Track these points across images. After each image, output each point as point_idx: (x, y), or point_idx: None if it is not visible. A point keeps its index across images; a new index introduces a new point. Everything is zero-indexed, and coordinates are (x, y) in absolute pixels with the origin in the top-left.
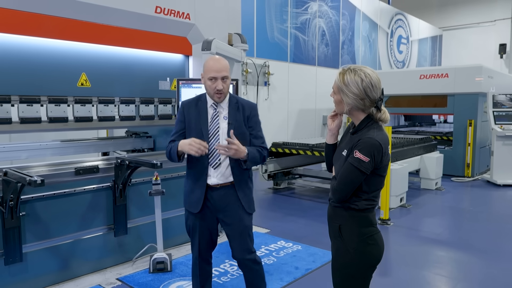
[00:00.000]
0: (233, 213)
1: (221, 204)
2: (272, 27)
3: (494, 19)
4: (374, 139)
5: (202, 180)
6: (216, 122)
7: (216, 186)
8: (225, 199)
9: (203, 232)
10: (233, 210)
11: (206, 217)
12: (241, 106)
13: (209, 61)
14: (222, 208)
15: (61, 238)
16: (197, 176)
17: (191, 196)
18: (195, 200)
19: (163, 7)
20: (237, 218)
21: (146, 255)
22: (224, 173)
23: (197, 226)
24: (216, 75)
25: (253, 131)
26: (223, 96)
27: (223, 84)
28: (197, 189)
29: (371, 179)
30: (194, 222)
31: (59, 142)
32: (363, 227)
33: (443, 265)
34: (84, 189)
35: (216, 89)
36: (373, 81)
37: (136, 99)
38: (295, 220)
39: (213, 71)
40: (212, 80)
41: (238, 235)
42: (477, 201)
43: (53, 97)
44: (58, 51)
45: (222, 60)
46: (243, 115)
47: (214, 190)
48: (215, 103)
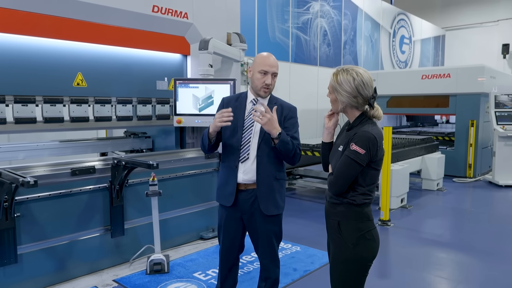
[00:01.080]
0: (253, 216)
1: (246, 206)
2: (273, 27)
3: (497, 19)
4: (370, 133)
5: (233, 175)
6: (250, 116)
7: (244, 186)
8: (249, 201)
9: (229, 230)
10: (254, 213)
11: (233, 215)
12: (280, 106)
13: (261, 56)
14: (245, 210)
15: (57, 239)
16: (228, 170)
17: (224, 189)
18: (228, 193)
19: (161, 6)
20: (257, 222)
21: (143, 256)
22: (250, 169)
23: (223, 222)
24: (268, 69)
25: (289, 132)
26: (269, 92)
27: (272, 80)
28: (229, 183)
29: (367, 172)
30: (222, 216)
31: (57, 142)
32: (361, 222)
33: (444, 267)
34: (80, 189)
35: (265, 83)
36: (364, 80)
37: (134, 99)
38: (294, 221)
39: (266, 65)
40: (262, 74)
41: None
42: (479, 202)
43: (48, 97)
44: (53, 51)
45: (273, 57)
46: (281, 115)
47: (242, 192)
48: (255, 99)
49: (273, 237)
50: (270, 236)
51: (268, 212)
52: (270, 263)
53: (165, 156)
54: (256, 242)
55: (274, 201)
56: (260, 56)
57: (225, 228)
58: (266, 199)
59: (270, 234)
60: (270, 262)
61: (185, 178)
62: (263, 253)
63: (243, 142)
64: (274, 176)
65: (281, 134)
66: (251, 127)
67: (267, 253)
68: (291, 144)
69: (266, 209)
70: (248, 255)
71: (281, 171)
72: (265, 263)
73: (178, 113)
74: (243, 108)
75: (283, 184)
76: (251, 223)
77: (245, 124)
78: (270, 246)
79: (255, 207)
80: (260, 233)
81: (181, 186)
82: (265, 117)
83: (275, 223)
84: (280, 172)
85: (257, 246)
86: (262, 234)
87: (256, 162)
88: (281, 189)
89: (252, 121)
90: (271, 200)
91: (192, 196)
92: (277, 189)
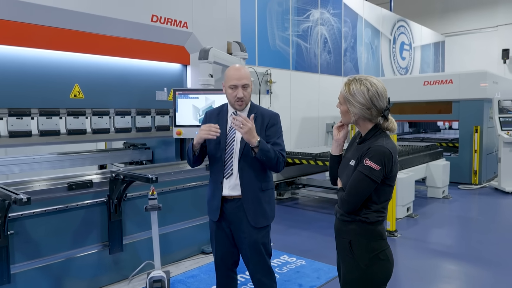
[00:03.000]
0: (241, 227)
1: (233, 217)
2: (273, 35)
3: (496, 25)
4: (385, 147)
5: (218, 190)
6: (233, 131)
7: (230, 198)
8: (236, 212)
9: (219, 242)
10: (241, 224)
11: (222, 227)
12: (260, 116)
13: (230, 70)
14: (233, 221)
15: (52, 257)
16: (214, 184)
17: (211, 203)
18: (214, 208)
19: (160, 15)
20: (245, 233)
21: (143, 272)
22: (235, 184)
23: (213, 235)
24: (237, 83)
25: (271, 139)
26: (244, 104)
27: (244, 92)
28: (215, 198)
29: (381, 189)
30: (212, 229)
31: (55, 155)
32: (375, 241)
33: (453, 279)
34: (77, 204)
35: (236, 97)
36: (379, 90)
37: (132, 110)
38: (298, 233)
39: (233, 79)
40: (233, 89)
41: (247, 248)
42: (486, 210)
43: (44, 110)
44: (49, 62)
45: (243, 69)
46: (261, 124)
47: (228, 202)
48: (235, 112)
49: (263, 250)
50: (259, 249)
51: (256, 224)
52: (264, 277)
53: (165, 168)
54: (246, 256)
55: (262, 212)
56: (229, 71)
57: (216, 241)
58: (253, 211)
59: (259, 247)
60: (263, 276)
61: (186, 191)
62: (255, 267)
63: (226, 157)
64: (259, 187)
65: (260, 142)
66: (233, 141)
67: (259, 267)
68: (272, 151)
69: (255, 221)
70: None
71: (267, 181)
72: (258, 278)
73: (178, 124)
74: (224, 123)
75: (270, 194)
76: (239, 235)
77: (228, 139)
78: (262, 259)
79: (243, 219)
80: (249, 245)
81: (181, 198)
82: (246, 126)
83: (264, 235)
84: (265, 183)
85: (248, 260)
86: (251, 246)
87: (239, 177)
88: (269, 199)
89: (234, 135)
90: (259, 211)
91: (193, 209)
92: (264, 200)
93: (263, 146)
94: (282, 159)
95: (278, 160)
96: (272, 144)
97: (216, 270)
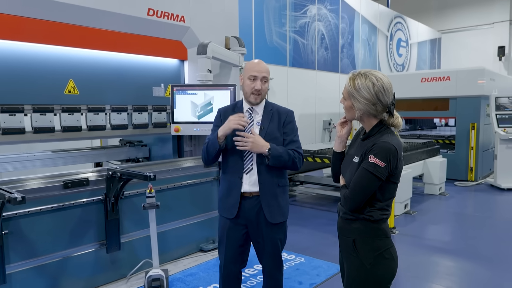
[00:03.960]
0: (259, 224)
1: (250, 214)
2: (270, 31)
3: (492, 22)
4: (390, 144)
5: (237, 186)
6: (250, 125)
7: (249, 195)
8: (253, 208)
9: (232, 241)
10: (259, 221)
11: (237, 226)
12: (276, 112)
13: (250, 63)
14: (250, 219)
15: (48, 256)
16: (232, 181)
17: (226, 200)
18: (231, 205)
19: (156, 9)
20: (263, 230)
21: (141, 271)
22: (255, 181)
23: (226, 233)
24: (257, 74)
25: (288, 137)
26: (259, 98)
27: (262, 85)
28: (232, 194)
29: (385, 186)
30: (224, 227)
31: (49, 152)
32: (379, 240)
33: (452, 276)
34: (73, 203)
35: (254, 88)
36: (385, 85)
37: (129, 106)
38: (297, 230)
39: (254, 70)
40: (251, 80)
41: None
42: (482, 206)
43: (38, 106)
44: (43, 56)
45: (263, 63)
46: (279, 121)
47: (247, 199)
48: (251, 108)
49: (279, 245)
50: (276, 244)
51: (274, 221)
52: (277, 271)
53: (163, 166)
54: (261, 252)
55: (279, 209)
56: (250, 63)
57: (228, 240)
58: (271, 207)
59: (276, 242)
60: (276, 270)
61: (184, 188)
62: (269, 262)
63: (246, 152)
64: (276, 183)
65: (270, 150)
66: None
67: (271, 261)
68: (285, 154)
69: (272, 218)
70: (250, 267)
71: (283, 177)
72: (270, 272)
73: (176, 121)
74: None
75: (286, 190)
76: (257, 233)
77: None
78: (276, 254)
79: (261, 216)
80: (266, 242)
81: (179, 196)
82: (248, 142)
83: (281, 231)
84: (282, 179)
85: (262, 255)
86: (268, 242)
87: (257, 172)
88: (285, 196)
89: (250, 132)
90: (275, 208)
91: (191, 207)
92: (280, 196)
93: (274, 152)
94: (298, 157)
95: (294, 160)
96: (289, 142)
97: (224, 270)
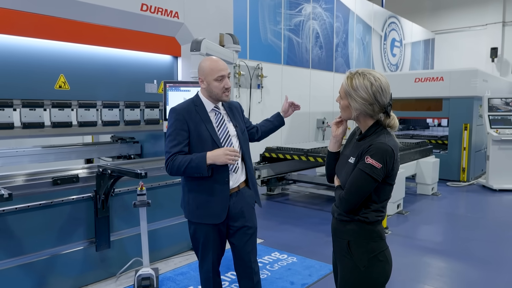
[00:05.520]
0: (247, 214)
1: (236, 208)
2: (265, 28)
3: (485, 23)
4: (387, 144)
5: (225, 188)
6: (224, 127)
7: (234, 191)
8: (239, 202)
9: (216, 245)
10: (247, 211)
11: (220, 228)
12: (233, 107)
13: (209, 63)
14: (236, 213)
15: (36, 254)
16: (216, 185)
17: (209, 207)
18: (219, 210)
19: (150, 4)
20: (251, 218)
21: (131, 270)
22: (239, 176)
23: (211, 239)
24: (224, 73)
25: (248, 123)
26: (230, 94)
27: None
28: (218, 198)
29: (381, 187)
30: (207, 234)
31: (39, 148)
32: (374, 242)
33: (445, 277)
34: (62, 200)
35: (224, 87)
36: (383, 85)
37: (121, 103)
38: (289, 229)
39: (219, 70)
40: (219, 80)
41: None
42: (475, 207)
43: (27, 101)
44: (33, 51)
45: (219, 59)
46: (238, 114)
47: (232, 196)
48: (217, 106)
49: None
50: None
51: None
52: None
53: (154, 163)
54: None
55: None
56: (209, 65)
57: (214, 245)
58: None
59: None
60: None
61: (176, 186)
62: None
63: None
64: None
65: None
66: (228, 137)
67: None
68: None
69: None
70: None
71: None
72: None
73: None
74: (209, 120)
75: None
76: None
77: (221, 137)
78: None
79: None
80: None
81: (171, 194)
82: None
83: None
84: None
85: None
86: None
87: (245, 165)
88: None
89: (227, 131)
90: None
91: None
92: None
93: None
94: None
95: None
96: (249, 125)
97: (211, 275)
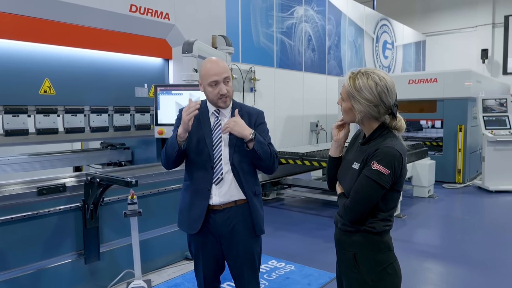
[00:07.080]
0: (236, 239)
1: (225, 229)
2: (257, 31)
3: (475, 25)
4: (394, 149)
5: (203, 198)
6: (218, 131)
7: (219, 207)
8: (229, 222)
9: (207, 259)
10: (235, 235)
11: (209, 242)
12: (246, 114)
13: (205, 65)
14: (226, 233)
15: (21, 268)
16: (197, 192)
17: (188, 214)
18: (194, 219)
19: (139, 5)
20: (240, 244)
21: (123, 282)
22: (227, 191)
23: (200, 252)
24: (217, 78)
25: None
26: (228, 100)
27: (227, 87)
28: (196, 207)
29: (389, 195)
30: (197, 246)
31: (26, 156)
32: (382, 254)
33: (445, 283)
34: (48, 211)
35: (219, 94)
36: (388, 85)
37: (110, 107)
38: (286, 236)
39: (212, 74)
40: (213, 86)
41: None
42: (472, 209)
43: (10, 107)
44: (16, 54)
45: (221, 61)
46: (249, 123)
47: (217, 213)
48: (217, 111)
49: (256, 259)
50: (254, 259)
51: (260, 232)
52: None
53: (146, 170)
54: (239, 270)
55: (261, 218)
56: (204, 67)
57: (205, 260)
58: (257, 216)
59: (254, 257)
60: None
61: (168, 194)
62: (249, 281)
63: (215, 160)
64: (254, 191)
65: (255, 133)
66: (220, 143)
67: (252, 279)
68: (267, 146)
69: (260, 229)
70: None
71: (258, 184)
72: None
73: (160, 123)
74: (207, 123)
75: (261, 200)
76: (231, 249)
77: (213, 140)
78: (254, 270)
79: (237, 229)
80: (244, 258)
81: (163, 202)
82: (230, 122)
83: (258, 243)
84: (258, 187)
85: (241, 273)
86: (247, 258)
87: (235, 180)
88: (261, 204)
89: (220, 135)
90: (260, 217)
91: (175, 213)
92: (259, 205)
93: (258, 137)
94: (274, 152)
95: (272, 152)
96: None
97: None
